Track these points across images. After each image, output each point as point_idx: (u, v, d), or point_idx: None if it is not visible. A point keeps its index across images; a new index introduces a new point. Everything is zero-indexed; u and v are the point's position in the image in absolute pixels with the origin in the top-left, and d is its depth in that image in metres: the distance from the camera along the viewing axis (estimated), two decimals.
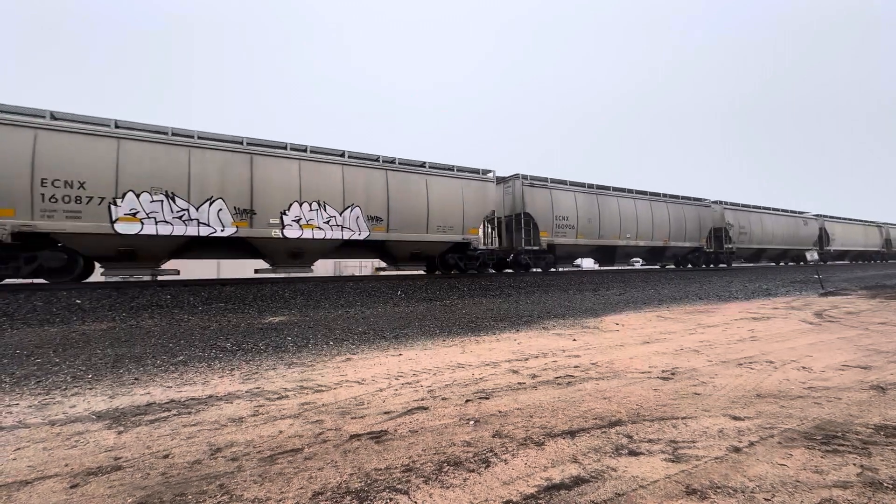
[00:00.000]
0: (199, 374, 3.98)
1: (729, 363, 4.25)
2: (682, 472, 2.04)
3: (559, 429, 2.59)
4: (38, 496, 1.89)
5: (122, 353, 4.65)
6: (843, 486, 1.91)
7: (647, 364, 4.23)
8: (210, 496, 1.86)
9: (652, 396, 3.22)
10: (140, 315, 6.73)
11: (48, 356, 4.52)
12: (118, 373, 4.01)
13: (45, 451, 2.37)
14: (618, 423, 2.67)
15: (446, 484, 1.95)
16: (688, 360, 4.41)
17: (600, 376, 3.80)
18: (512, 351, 4.89)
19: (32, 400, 3.28)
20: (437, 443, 2.41)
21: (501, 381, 3.65)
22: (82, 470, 2.13)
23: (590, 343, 5.32)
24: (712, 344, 5.22)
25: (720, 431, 2.54)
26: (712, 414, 2.84)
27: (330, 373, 4.01)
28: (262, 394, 3.38)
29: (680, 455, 2.22)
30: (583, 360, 4.38)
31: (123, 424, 2.75)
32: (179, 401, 3.22)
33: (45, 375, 3.90)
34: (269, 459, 2.22)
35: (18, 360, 4.39)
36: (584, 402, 3.11)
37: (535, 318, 7.33)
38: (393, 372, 4.00)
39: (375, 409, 3.01)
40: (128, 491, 1.92)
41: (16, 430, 2.66)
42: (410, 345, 5.32)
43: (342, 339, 5.57)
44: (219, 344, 5.13)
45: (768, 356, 4.53)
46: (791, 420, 2.72)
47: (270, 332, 5.76)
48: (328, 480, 1.99)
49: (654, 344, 5.25)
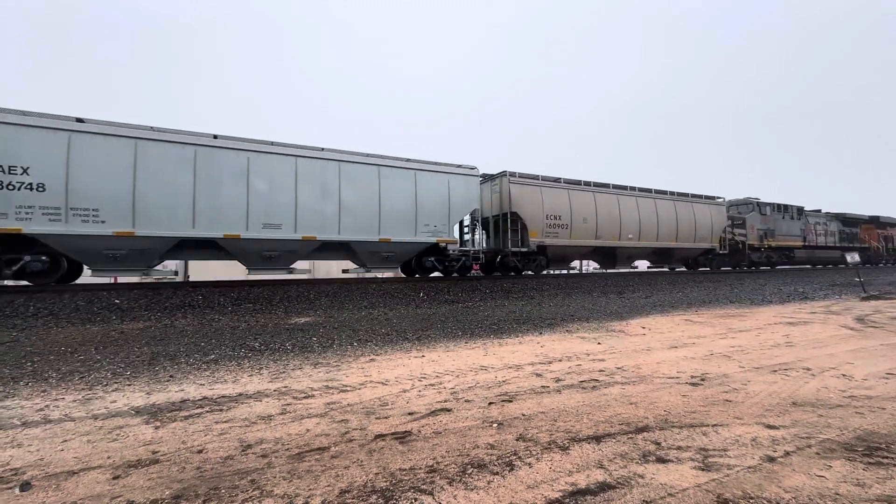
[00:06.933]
0: (230, 373, 4.11)
1: (762, 369, 4.10)
2: (713, 482, 1.98)
3: (584, 433, 2.56)
4: (83, 486, 1.99)
5: (157, 352, 4.85)
6: (887, 500, 1.82)
7: (676, 369, 4.12)
8: (242, 491, 1.93)
9: (680, 402, 3.14)
10: (174, 315, 7.00)
11: (90, 353, 4.76)
12: (154, 370, 4.19)
13: (90, 443, 2.50)
14: (645, 429, 2.62)
15: (470, 486, 1.95)
16: (718, 365, 4.27)
17: (626, 381, 3.73)
18: (535, 354, 4.86)
19: (76, 395, 3.46)
20: (461, 445, 2.42)
21: (525, 384, 3.63)
22: (123, 462, 2.24)
23: (615, 347, 5.22)
24: (745, 349, 5.04)
25: (753, 440, 2.45)
26: (745, 422, 2.75)
27: (354, 373, 4.08)
28: (290, 392, 3.47)
29: (710, 463, 2.16)
30: (608, 365, 4.31)
31: (160, 420, 2.88)
32: (212, 398, 3.34)
33: (88, 372, 4.11)
34: (298, 457, 2.28)
35: (64, 356, 4.64)
36: (609, 406, 3.06)
37: (559, 321, 7.24)
38: (416, 373, 4.04)
39: (399, 409, 3.04)
40: (165, 484, 2.00)
41: (62, 423, 2.82)
42: (433, 346, 5.34)
43: (366, 339, 5.65)
44: (248, 343, 5.29)
45: (805, 363, 4.35)
46: (830, 430, 2.60)
47: (297, 333, 5.90)
48: (354, 479, 2.03)
49: (683, 349, 5.11)
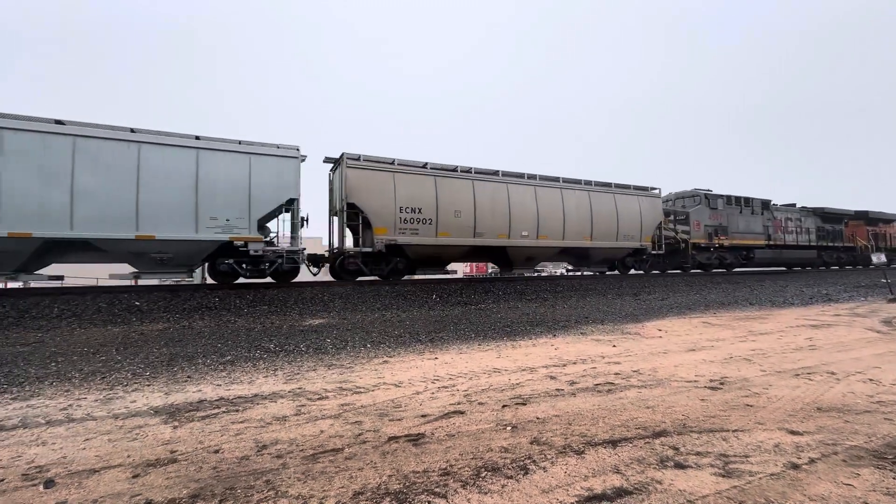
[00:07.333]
0: (246, 374, 4.17)
1: (784, 373, 3.99)
2: (735, 488, 1.93)
3: (600, 437, 2.52)
4: (104, 484, 2.03)
5: (175, 353, 4.94)
6: None
7: (694, 372, 4.03)
8: (257, 491, 1.95)
9: (699, 406, 3.07)
10: (192, 316, 7.13)
11: (111, 354, 4.87)
12: (173, 371, 4.27)
13: (110, 442, 2.55)
14: (662, 434, 2.56)
15: (484, 490, 1.94)
16: (738, 369, 4.17)
17: (642, 384, 3.66)
18: (549, 356, 4.81)
19: (98, 394, 3.54)
20: (475, 448, 2.41)
21: (539, 387, 3.60)
22: (143, 461, 2.28)
23: (630, 349, 5.14)
24: (765, 352, 4.91)
25: (776, 446, 2.38)
26: (767, 427, 2.67)
27: (368, 375, 4.09)
28: (304, 394, 3.49)
29: (731, 470, 2.11)
30: (623, 368, 4.24)
31: (178, 420, 2.92)
32: (228, 398, 3.38)
33: (109, 372, 4.20)
34: (312, 458, 2.29)
35: (86, 357, 4.76)
36: (625, 410, 3.01)
37: (573, 323, 7.16)
38: (429, 375, 4.03)
39: (412, 411, 3.04)
40: (183, 483, 2.03)
41: (85, 422, 2.89)
42: (446, 348, 5.33)
43: (379, 341, 5.66)
44: (263, 345, 5.35)
45: (829, 367, 4.22)
46: (857, 436, 2.51)
47: (311, 335, 5.95)
48: (368, 481, 2.03)
49: (701, 351, 5.00)
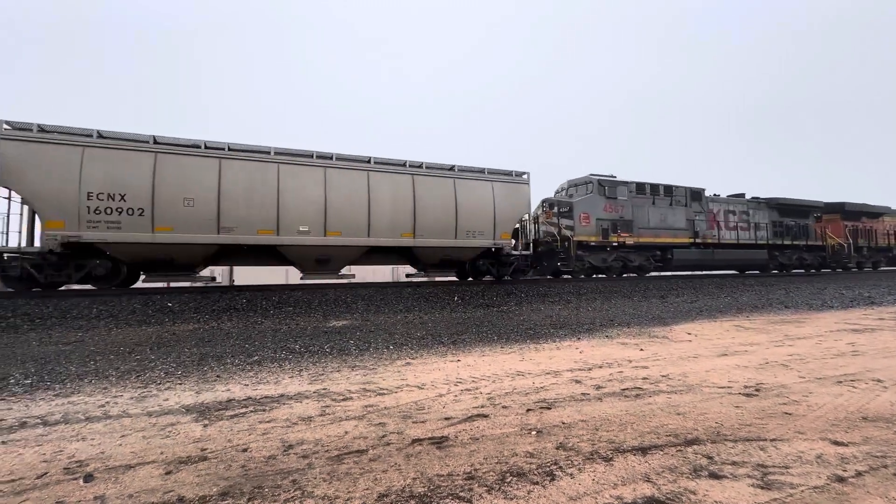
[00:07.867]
0: (272, 374, 4.25)
1: (825, 380, 3.79)
2: (775, 501, 1.83)
3: (628, 444, 2.45)
4: (139, 480, 2.10)
5: (205, 353, 5.09)
6: None
7: (727, 378, 3.88)
8: (284, 490, 1.97)
9: (733, 414, 2.95)
10: (220, 318, 7.34)
11: (145, 353, 5.06)
12: (203, 370, 4.39)
13: (144, 439, 2.64)
14: (695, 442, 2.47)
15: (510, 495, 1.90)
16: (774, 375, 3.99)
17: (672, 390, 3.55)
18: (574, 360, 4.72)
19: (133, 392, 3.67)
20: (499, 452, 2.37)
21: (564, 391, 3.53)
22: (175, 458, 2.34)
23: (659, 353, 4.99)
24: (804, 358, 4.69)
25: (818, 457, 2.26)
26: (807, 437, 2.54)
27: (391, 376, 4.11)
28: (329, 395, 3.53)
29: (770, 481, 2.01)
30: (652, 372, 4.12)
31: (208, 418, 3.00)
32: (255, 398, 3.45)
33: (143, 371, 4.36)
34: (337, 459, 2.31)
35: (122, 356, 4.96)
36: (655, 416, 2.92)
37: (598, 326, 7.02)
38: (452, 378, 4.02)
39: (436, 414, 3.03)
40: (213, 480, 2.08)
41: (121, 419, 3.00)
42: (468, 350, 5.31)
43: (402, 343, 5.69)
44: (288, 346, 5.45)
45: (875, 373, 3.98)
46: None
47: (334, 336, 6.02)
48: (392, 483, 2.03)
49: (734, 356, 4.82)
